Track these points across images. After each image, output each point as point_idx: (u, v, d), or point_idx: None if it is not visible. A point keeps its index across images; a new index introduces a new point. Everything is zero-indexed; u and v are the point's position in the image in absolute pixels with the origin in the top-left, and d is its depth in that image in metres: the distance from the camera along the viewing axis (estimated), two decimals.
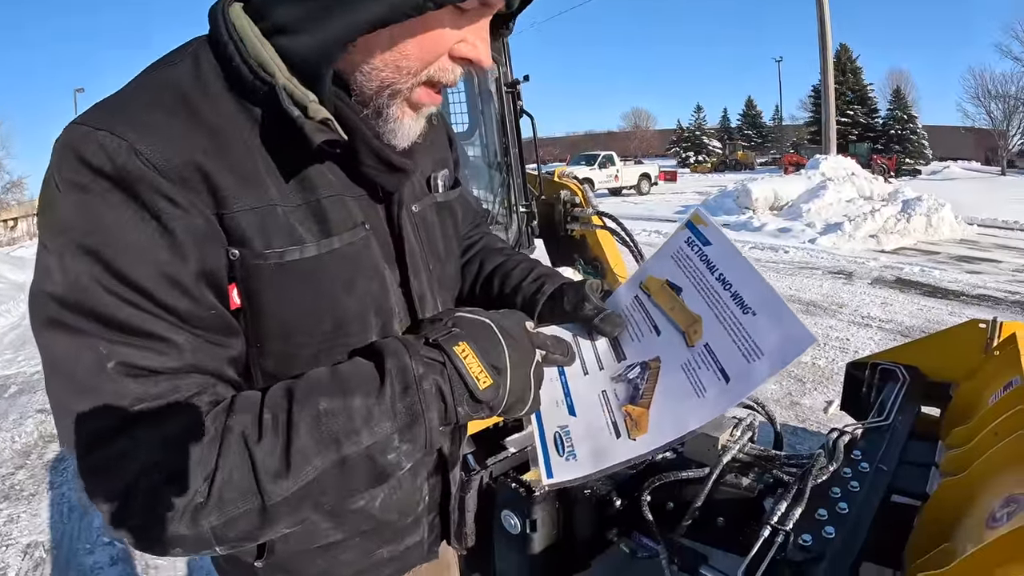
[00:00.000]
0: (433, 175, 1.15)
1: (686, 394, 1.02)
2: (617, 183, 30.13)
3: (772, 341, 0.96)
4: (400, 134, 0.92)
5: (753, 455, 1.75)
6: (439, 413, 0.85)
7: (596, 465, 1.03)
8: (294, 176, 0.88)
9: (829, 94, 28.25)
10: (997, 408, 1.88)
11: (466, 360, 0.87)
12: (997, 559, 1.19)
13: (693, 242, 1.13)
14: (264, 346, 0.90)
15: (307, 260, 0.88)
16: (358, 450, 0.80)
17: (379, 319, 0.99)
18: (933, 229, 13.44)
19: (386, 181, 0.98)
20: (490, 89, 3.79)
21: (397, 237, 1.04)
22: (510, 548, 1.59)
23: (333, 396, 0.81)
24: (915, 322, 7.22)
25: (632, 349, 1.14)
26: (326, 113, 0.83)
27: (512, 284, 1.30)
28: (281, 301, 0.88)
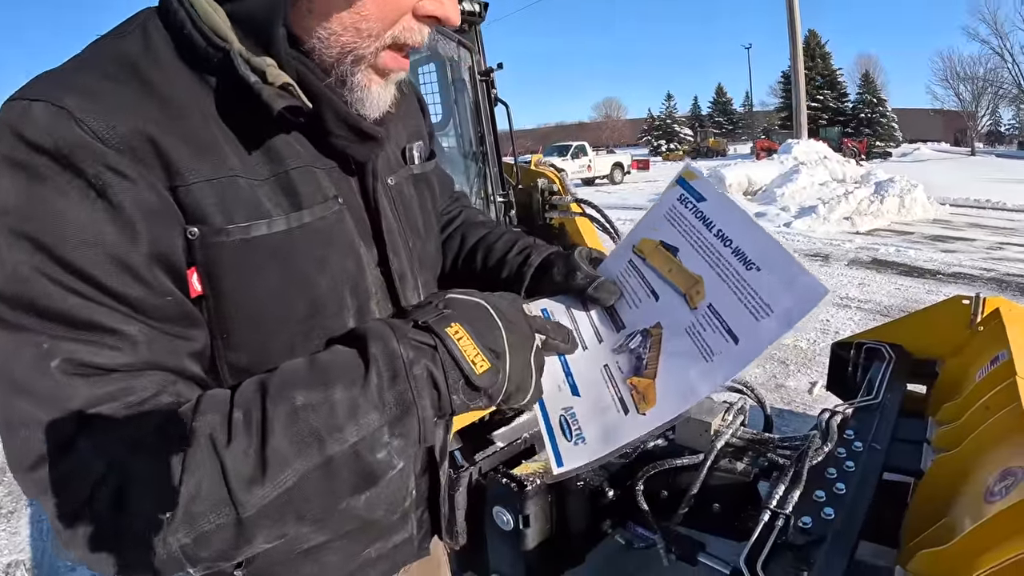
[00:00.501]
0: (408, 146, 1.08)
1: (693, 359, 0.94)
2: (590, 173, 30.07)
3: (781, 296, 0.89)
4: (369, 103, 0.85)
5: (746, 439, 1.74)
6: (432, 402, 0.76)
7: (607, 446, 0.95)
8: (258, 148, 0.80)
9: (799, 79, 28.48)
10: (986, 383, 1.88)
11: (460, 342, 0.78)
12: (999, 533, 1.18)
13: (686, 199, 1.06)
14: (231, 336, 0.80)
15: (276, 235, 0.80)
16: (343, 448, 0.70)
17: (355, 300, 0.91)
18: (906, 210, 13.57)
19: (357, 151, 0.90)
20: (463, 78, 3.73)
21: (373, 212, 0.96)
22: (503, 544, 1.56)
23: (312, 388, 0.71)
24: (894, 301, 7.26)
25: (630, 317, 1.06)
26: (286, 78, 0.76)
27: (496, 257, 1.22)
28: (248, 282, 0.79)
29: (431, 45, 3.62)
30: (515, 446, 1.76)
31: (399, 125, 1.06)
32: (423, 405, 0.75)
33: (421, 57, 3.80)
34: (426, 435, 0.77)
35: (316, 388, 0.71)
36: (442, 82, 3.91)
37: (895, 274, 8.59)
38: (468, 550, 1.63)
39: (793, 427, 4.13)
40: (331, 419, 0.70)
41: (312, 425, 0.69)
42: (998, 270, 8.60)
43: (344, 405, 0.71)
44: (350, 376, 0.73)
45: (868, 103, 52.35)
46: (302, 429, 0.69)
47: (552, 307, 1.09)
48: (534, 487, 1.52)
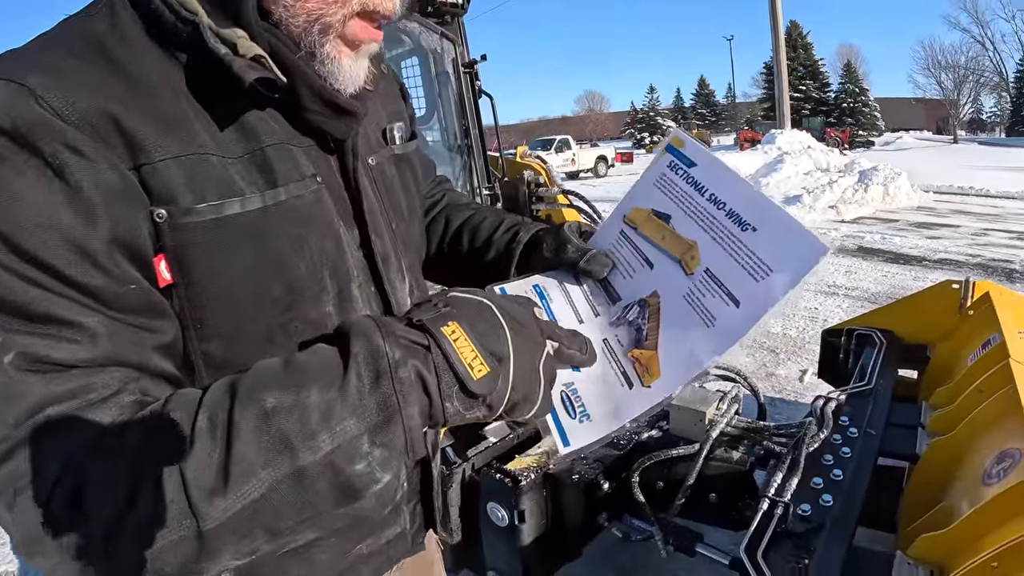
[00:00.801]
0: (389, 126, 1.05)
1: (694, 326, 0.92)
2: (574, 167, 30.04)
3: (780, 256, 0.87)
4: (342, 77, 0.81)
5: (741, 428, 1.72)
6: (421, 409, 0.69)
7: (614, 422, 0.92)
8: (231, 125, 0.77)
9: (782, 70, 28.60)
10: (978, 366, 1.88)
11: (456, 343, 0.71)
12: (1000, 515, 1.17)
13: (676, 166, 1.03)
14: (205, 325, 0.76)
15: (250, 214, 0.76)
16: (316, 458, 0.64)
17: (335, 283, 0.86)
18: (890, 198, 13.63)
19: (334, 127, 0.86)
20: (447, 71, 3.72)
21: (354, 192, 0.92)
22: (499, 541, 1.54)
23: (284, 390, 0.65)
24: (881, 288, 7.29)
25: (626, 288, 1.03)
26: (258, 50, 0.74)
27: (483, 238, 1.19)
28: (221, 264, 0.74)
29: (414, 38, 3.61)
30: (508, 441, 1.74)
31: (379, 105, 1.03)
32: (409, 413, 0.68)
33: (404, 51, 3.79)
34: (414, 446, 0.70)
35: (289, 390, 0.65)
36: (425, 75, 3.90)
37: (881, 261, 8.64)
38: (463, 547, 1.61)
39: (785, 415, 4.13)
40: (303, 425, 0.64)
41: (283, 431, 0.63)
42: (983, 256, 8.65)
43: (318, 409, 0.64)
44: (327, 377, 0.67)
45: (850, 93, 52.70)
46: (272, 435, 0.63)
47: (544, 283, 1.06)
48: (528, 482, 1.50)
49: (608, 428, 0.93)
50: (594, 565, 2.67)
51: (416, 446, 0.70)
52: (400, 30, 3.55)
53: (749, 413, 1.85)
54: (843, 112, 51.91)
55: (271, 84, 0.75)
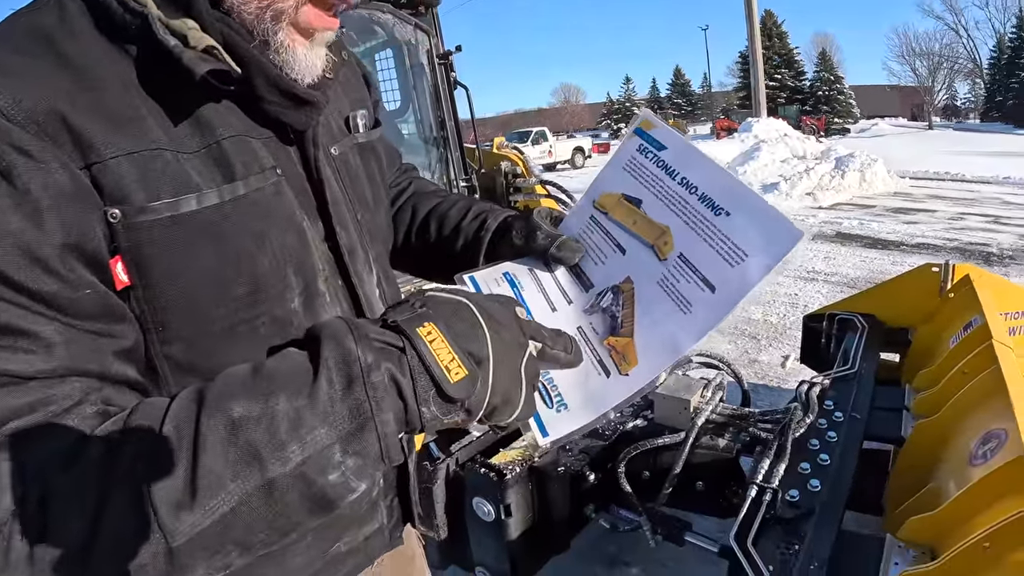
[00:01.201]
0: (352, 114, 1.01)
1: (670, 312, 0.90)
2: (551, 158, 29.96)
3: (755, 240, 0.85)
4: (297, 66, 0.78)
5: (726, 415, 1.72)
6: (396, 415, 0.66)
7: (592, 412, 0.90)
8: (186, 119, 0.73)
9: (757, 59, 28.72)
10: (960, 348, 1.89)
11: (432, 344, 0.67)
12: (988, 496, 1.17)
13: (646, 149, 1.01)
14: (167, 328, 0.72)
15: (207, 211, 0.72)
16: (287, 470, 0.61)
17: (301, 279, 0.83)
18: (867, 184, 13.73)
19: (293, 118, 0.82)
20: (422, 62, 3.67)
21: (316, 183, 0.89)
22: (486, 536, 1.52)
23: (252, 398, 0.61)
24: (860, 273, 7.33)
25: (598, 274, 1.01)
26: (210, 40, 0.70)
27: (451, 225, 1.16)
28: (180, 264, 0.71)
29: (388, 30, 3.57)
30: (492, 435, 1.72)
31: (340, 93, 1.00)
32: (383, 419, 0.64)
33: (378, 43, 3.75)
34: (389, 453, 0.66)
35: (257, 398, 0.62)
36: (400, 68, 3.84)
37: (859, 247, 8.69)
38: (450, 543, 1.59)
39: (768, 401, 4.15)
40: (271, 435, 0.61)
41: (251, 442, 0.60)
42: (960, 240, 8.74)
43: (287, 418, 0.61)
44: (296, 383, 0.63)
45: (825, 81, 53.02)
46: (240, 447, 0.60)
47: (515, 270, 1.04)
48: (514, 476, 1.48)
49: (587, 418, 0.90)
50: (582, 557, 2.66)
51: (392, 453, 0.67)
52: (373, 22, 3.51)
53: (732, 400, 1.85)
54: (818, 100, 52.22)
55: (225, 76, 0.72)
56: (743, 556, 1.17)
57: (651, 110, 1.08)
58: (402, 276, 1.19)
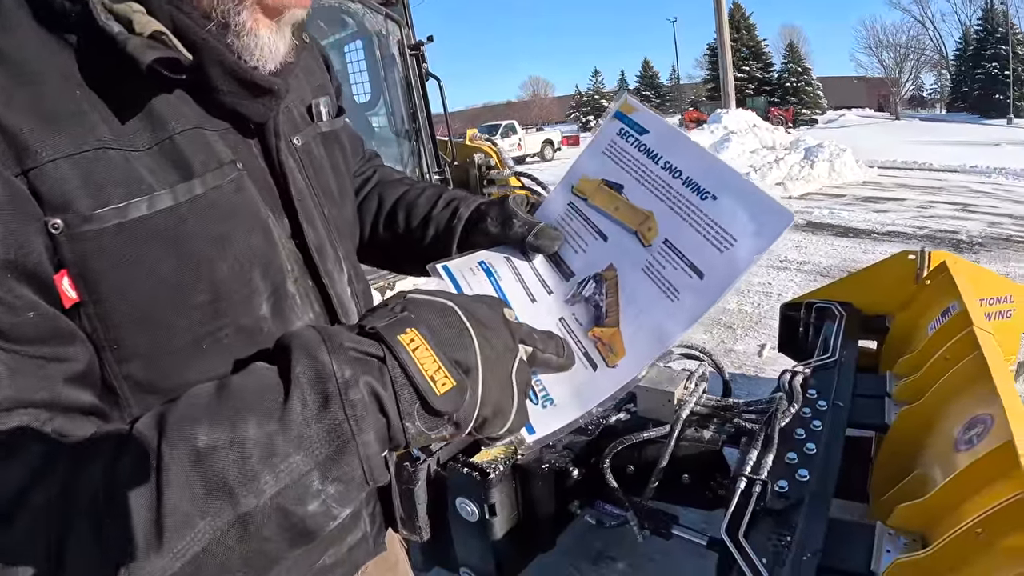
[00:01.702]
0: (314, 102, 0.94)
1: (656, 300, 0.87)
2: (520, 151, 29.83)
3: (743, 224, 0.83)
4: (260, 51, 0.71)
5: (711, 406, 1.70)
6: (379, 434, 0.60)
7: (580, 407, 0.85)
8: (134, 113, 0.66)
9: (726, 51, 28.88)
10: (940, 334, 1.89)
11: (416, 353, 0.61)
12: (976, 482, 1.17)
13: (626, 133, 0.98)
14: (123, 345, 0.66)
15: (160, 215, 0.65)
16: (261, 502, 0.55)
17: (268, 281, 0.76)
18: (836, 173, 13.88)
19: (252, 109, 0.75)
20: (393, 53, 3.61)
21: (279, 177, 0.82)
22: (470, 536, 1.49)
23: (217, 423, 0.55)
24: (832, 262, 7.39)
25: (579, 263, 0.97)
26: (157, 25, 0.63)
27: (420, 215, 1.09)
28: (131, 276, 0.63)
29: (358, 20, 3.52)
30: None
31: (302, 79, 0.93)
32: (365, 440, 0.58)
33: (347, 34, 3.69)
34: (374, 475, 0.61)
35: (222, 423, 0.55)
36: (370, 59, 3.78)
37: (831, 235, 8.77)
38: (433, 544, 1.56)
39: (747, 390, 4.16)
40: (241, 465, 0.54)
41: (219, 474, 0.54)
42: (930, 227, 8.87)
43: (258, 445, 0.55)
44: (266, 404, 0.57)
45: (793, 72, 53.60)
46: (207, 480, 0.53)
47: (491, 260, 0.99)
48: (497, 474, 1.45)
49: (575, 414, 0.86)
50: (568, 554, 2.64)
51: (376, 474, 0.61)
52: (343, 11, 3.45)
53: (714, 391, 1.83)
54: (786, 91, 52.77)
55: (175, 64, 0.65)
56: (735, 549, 1.15)
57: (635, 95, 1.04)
58: (371, 271, 1.14)
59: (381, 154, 1.29)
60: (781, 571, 1.10)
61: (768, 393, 1.72)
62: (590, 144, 1.03)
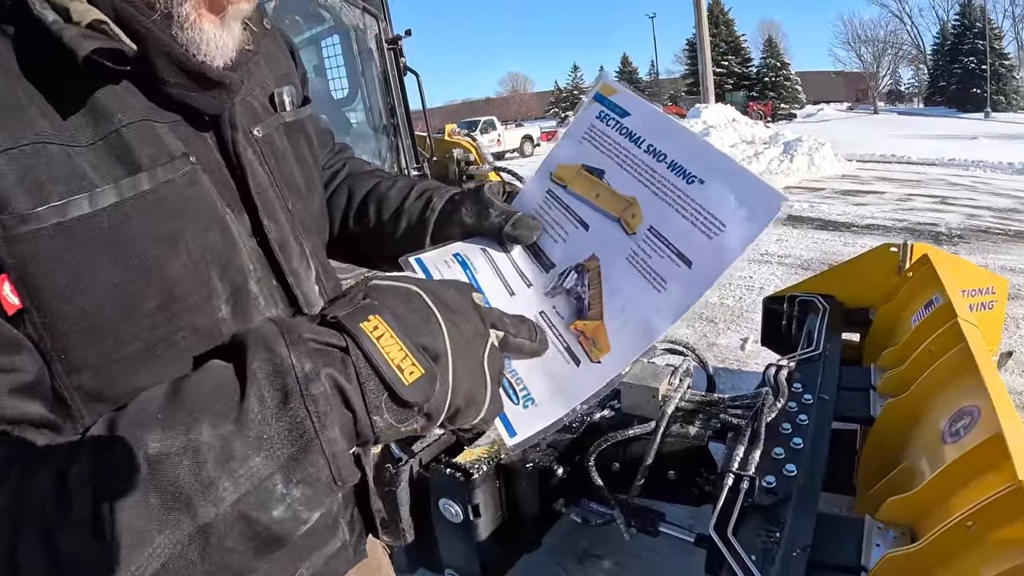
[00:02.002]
0: (277, 91, 0.89)
1: (642, 291, 0.82)
2: (500, 147, 29.74)
3: (733, 209, 0.78)
4: (205, 46, 0.66)
5: (696, 402, 1.69)
6: (344, 429, 0.56)
7: (564, 405, 0.81)
8: (78, 107, 0.61)
9: (705, 47, 28.98)
10: (924, 327, 1.89)
11: (380, 341, 0.58)
12: (965, 475, 1.16)
13: (607, 116, 0.93)
14: (71, 354, 0.61)
15: (103, 213, 0.60)
16: (221, 510, 0.51)
17: (227, 282, 0.72)
18: (816, 167, 13.98)
19: (202, 102, 0.70)
20: (370, 48, 3.57)
21: (237, 170, 0.77)
22: (455, 538, 1.46)
23: (170, 428, 0.51)
24: (812, 255, 7.43)
25: (559, 253, 0.92)
26: (97, 14, 0.59)
27: (392, 207, 1.04)
28: (76, 280, 0.59)
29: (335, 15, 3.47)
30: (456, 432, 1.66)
31: (263, 67, 0.89)
32: (330, 437, 0.55)
33: (324, 29, 3.64)
34: (341, 473, 0.57)
35: (175, 428, 0.51)
36: (348, 54, 3.72)
37: (811, 228, 8.82)
38: (418, 546, 1.54)
39: (730, 384, 4.17)
40: (197, 472, 0.50)
41: (174, 483, 0.50)
42: (909, 220, 8.95)
43: (212, 449, 0.51)
44: (221, 405, 0.53)
45: (772, 67, 53.96)
46: (162, 490, 0.50)
47: (466, 251, 0.94)
48: (481, 475, 1.42)
49: (558, 413, 0.81)
50: (554, 553, 2.62)
51: (344, 474, 0.57)
52: (320, 6, 3.40)
53: (698, 386, 1.82)
54: (765, 86, 53.14)
55: (118, 55, 0.61)
56: (725, 547, 1.13)
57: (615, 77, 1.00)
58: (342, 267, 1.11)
59: (359, 150, 1.26)
60: (771, 568, 1.09)
61: (752, 387, 1.72)
62: (568, 128, 0.98)
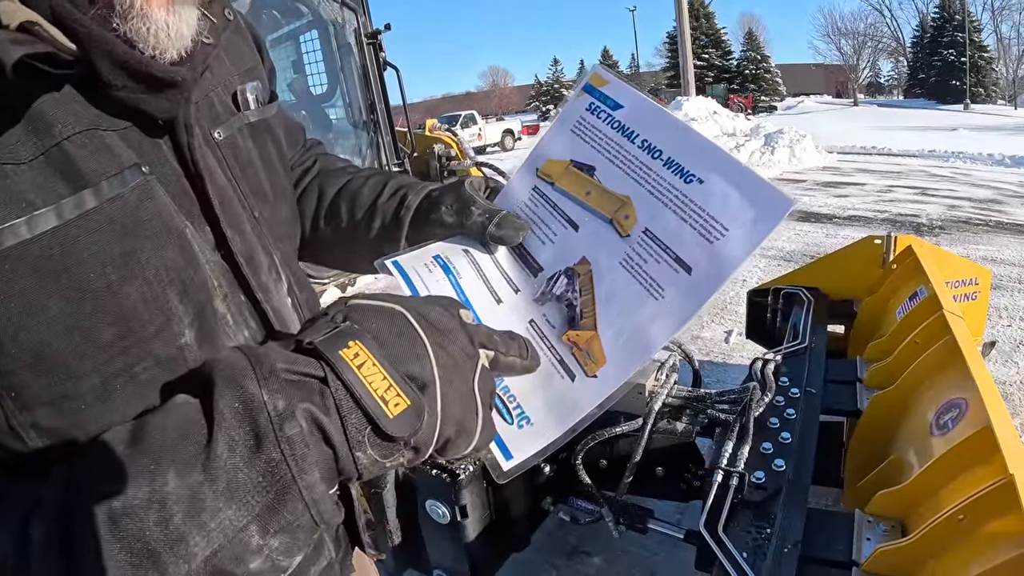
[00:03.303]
0: (240, 88, 0.82)
1: (638, 299, 0.77)
2: (481, 141, 29.60)
3: (735, 211, 0.74)
4: (154, 37, 0.59)
5: (683, 397, 1.67)
6: (324, 470, 0.53)
7: (560, 424, 0.76)
8: (15, 119, 0.53)
9: (685, 39, 29.01)
10: (910, 319, 1.88)
11: (362, 370, 0.54)
12: (955, 468, 1.16)
13: (597, 108, 0.88)
14: (21, 392, 0.55)
15: (43, 238, 0.53)
16: (194, 567, 0.48)
17: (189, 304, 0.65)
18: (797, 159, 14.07)
19: (155, 105, 0.63)
20: (349, 42, 3.53)
21: (196, 179, 0.70)
22: (442, 539, 1.44)
23: (133, 479, 0.48)
24: (795, 247, 7.45)
25: (547, 255, 0.87)
26: (28, 14, 0.51)
27: (364, 206, 0.98)
28: (19, 314, 0.53)
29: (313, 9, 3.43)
30: None
31: (225, 62, 0.82)
32: (308, 482, 0.51)
33: (303, 24, 3.60)
34: (323, 518, 0.54)
35: (139, 478, 0.48)
36: (326, 48, 3.68)
37: (793, 220, 8.84)
38: (406, 548, 1.52)
39: (715, 377, 4.18)
40: (164, 526, 0.47)
41: (141, 539, 0.46)
42: (891, 211, 9.01)
43: (181, 501, 0.48)
44: (186, 451, 0.49)
45: (752, 60, 54.25)
46: (128, 548, 0.46)
47: (447, 252, 0.88)
48: (467, 475, 1.40)
49: (555, 433, 0.76)
50: (543, 551, 2.61)
51: (327, 516, 0.54)
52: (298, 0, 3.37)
53: (684, 380, 1.81)
54: (745, 79, 53.43)
55: (54, 59, 0.53)
56: (715, 544, 1.12)
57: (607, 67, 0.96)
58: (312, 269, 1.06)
59: (339, 146, 1.23)
60: (763, 565, 1.08)
61: (737, 380, 1.71)
62: (556, 122, 0.93)
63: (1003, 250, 6.62)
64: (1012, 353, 4.19)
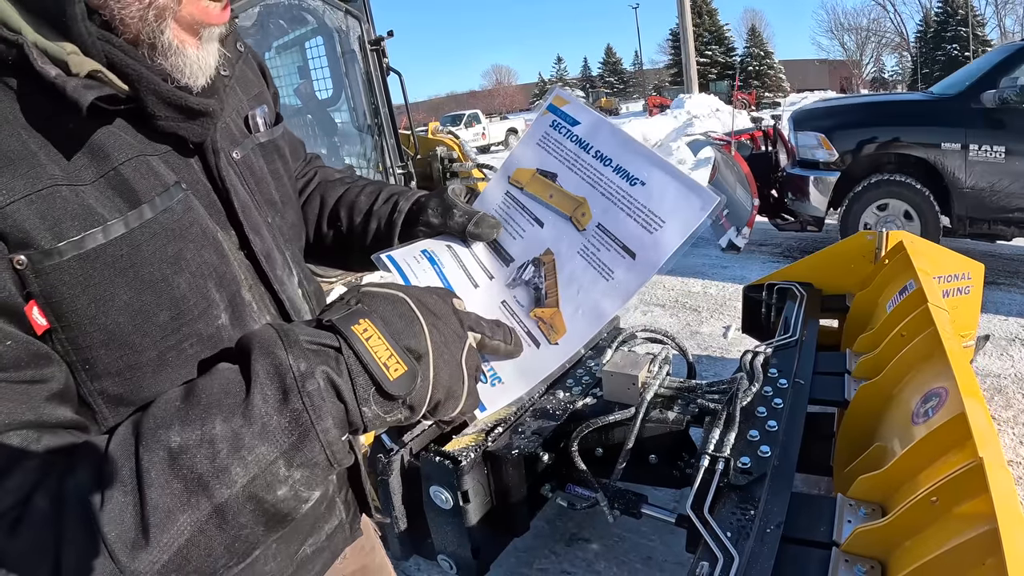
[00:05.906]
0: (251, 113, 0.98)
1: (592, 281, 0.96)
2: (484, 140, 29.68)
3: (671, 207, 0.92)
4: (190, 69, 0.73)
5: (674, 388, 1.73)
6: (337, 419, 0.66)
7: (526, 383, 0.95)
8: (79, 149, 0.68)
9: (688, 37, 29.03)
10: (898, 312, 1.94)
11: (369, 342, 0.68)
12: (931, 453, 1.21)
13: (559, 125, 1.06)
14: (94, 365, 0.69)
15: (116, 242, 0.68)
16: (234, 492, 0.61)
17: (224, 291, 0.80)
18: None
19: (189, 131, 0.78)
20: (353, 49, 3.60)
21: (222, 192, 0.85)
22: (445, 524, 1.51)
23: (187, 424, 0.61)
24: (794, 242, 7.53)
25: (517, 248, 1.06)
26: (93, 64, 0.65)
27: (362, 212, 1.15)
28: (97, 302, 0.67)
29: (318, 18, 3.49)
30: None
31: (238, 90, 0.97)
32: (324, 427, 0.65)
33: (308, 31, 3.67)
34: (336, 458, 0.67)
35: (192, 424, 0.61)
36: (331, 56, 3.76)
37: None
38: (411, 533, 1.58)
39: (713, 371, 4.23)
40: (212, 460, 0.60)
41: (194, 470, 0.60)
42: None
43: (226, 440, 0.61)
44: (230, 403, 0.63)
45: (755, 56, 54.18)
46: (183, 477, 0.59)
47: (433, 248, 1.06)
48: (469, 462, 1.47)
49: (521, 389, 0.95)
50: (541, 536, 2.68)
51: (339, 458, 0.68)
52: (303, 9, 3.43)
53: (679, 373, 1.87)
54: (749, 75, 53.36)
55: (113, 98, 0.68)
56: (701, 525, 1.18)
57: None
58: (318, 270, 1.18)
59: (344, 150, 1.34)
60: (745, 544, 1.14)
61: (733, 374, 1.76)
62: (525, 136, 1.11)
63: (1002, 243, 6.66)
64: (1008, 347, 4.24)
